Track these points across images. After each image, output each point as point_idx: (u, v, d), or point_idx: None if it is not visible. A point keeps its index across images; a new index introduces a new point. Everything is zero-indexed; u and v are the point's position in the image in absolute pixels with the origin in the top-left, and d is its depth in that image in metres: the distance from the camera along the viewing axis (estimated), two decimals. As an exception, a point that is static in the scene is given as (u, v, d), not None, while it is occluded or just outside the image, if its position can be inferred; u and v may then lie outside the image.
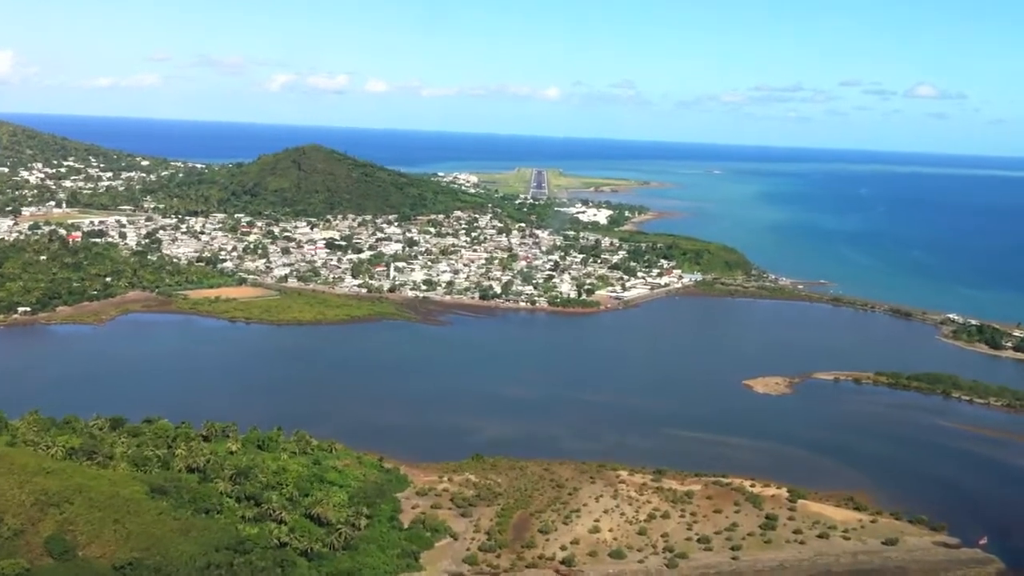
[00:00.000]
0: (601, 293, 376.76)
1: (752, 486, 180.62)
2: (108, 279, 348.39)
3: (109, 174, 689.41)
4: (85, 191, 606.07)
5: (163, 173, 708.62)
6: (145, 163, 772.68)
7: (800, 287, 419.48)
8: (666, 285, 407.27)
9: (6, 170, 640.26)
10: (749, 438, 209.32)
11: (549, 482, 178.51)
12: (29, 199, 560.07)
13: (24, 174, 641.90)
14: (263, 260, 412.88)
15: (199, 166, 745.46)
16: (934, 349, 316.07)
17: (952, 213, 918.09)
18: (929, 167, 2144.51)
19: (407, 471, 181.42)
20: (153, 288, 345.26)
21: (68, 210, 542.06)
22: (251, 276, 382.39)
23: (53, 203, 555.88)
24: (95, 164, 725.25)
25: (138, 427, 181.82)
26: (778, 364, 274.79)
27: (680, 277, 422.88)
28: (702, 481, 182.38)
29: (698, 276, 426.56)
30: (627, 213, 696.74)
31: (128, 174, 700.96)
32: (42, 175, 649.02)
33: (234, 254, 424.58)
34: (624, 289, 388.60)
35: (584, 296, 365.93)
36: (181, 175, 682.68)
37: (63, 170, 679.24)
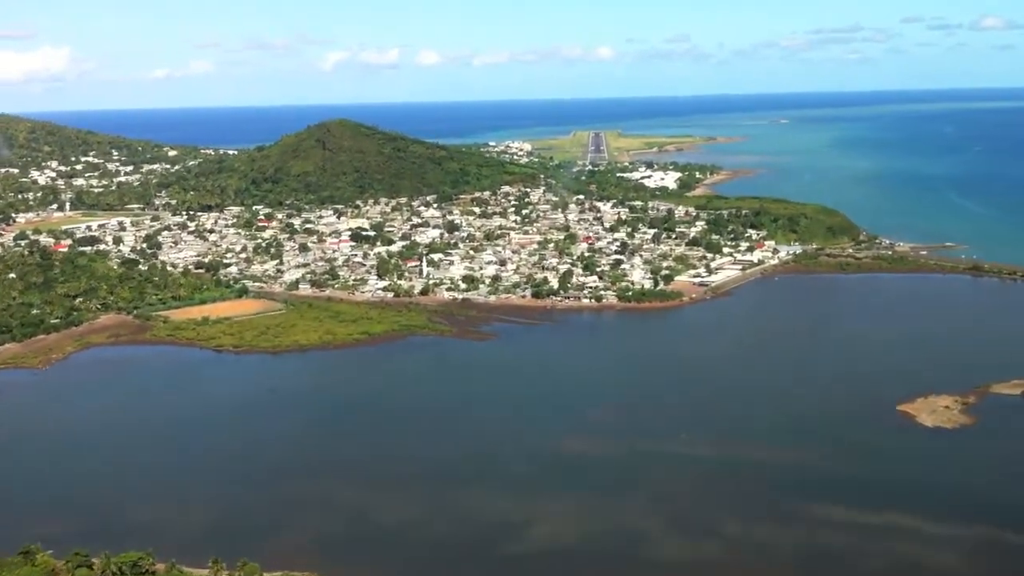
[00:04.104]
0: (682, 279, 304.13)
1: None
2: (78, 300, 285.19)
3: (129, 168, 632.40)
4: (96, 190, 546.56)
5: (191, 163, 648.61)
6: (172, 153, 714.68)
7: (923, 253, 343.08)
8: (759, 262, 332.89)
9: (16, 171, 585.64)
10: (937, 517, 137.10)
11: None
12: (31, 202, 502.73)
13: (35, 174, 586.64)
14: (275, 261, 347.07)
15: (232, 152, 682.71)
16: None
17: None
18: (1000, 101, 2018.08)
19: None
20: (131, 309, 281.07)
21: (71, 213, 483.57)
22: (256, 283, 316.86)
23: (55, 206, 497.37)
24: (116, 158, 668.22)
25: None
26: (937, 373, 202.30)
27: (775, 251, 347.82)
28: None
29: (797, 248, 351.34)
30: (698, 174, 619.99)
31: (151, 166, 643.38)
32: (54, 174, 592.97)
33: (243, 256, 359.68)
34: (709, 271, 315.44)
35: (662, 285, 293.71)
36: (211, 164, 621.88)
37: (79, 167, 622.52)
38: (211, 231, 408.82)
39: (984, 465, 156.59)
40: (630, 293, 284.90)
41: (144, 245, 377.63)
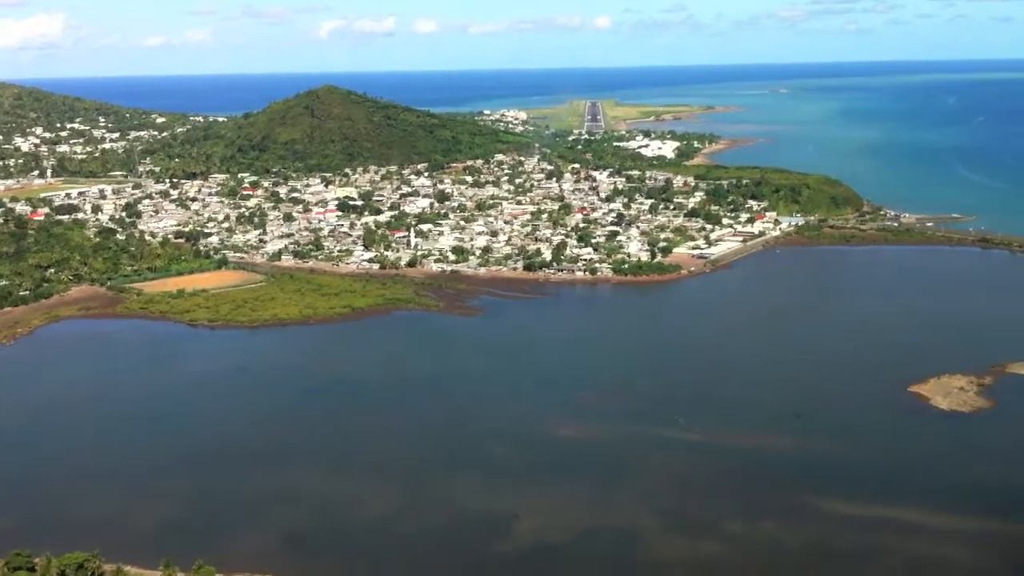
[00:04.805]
0: (680, 252, 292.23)
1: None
2: (50, 271, 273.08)
3: (115, 135, 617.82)
4: (79, 156, 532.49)
5: (179, 130, 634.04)
6: (160, 120, 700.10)
7: (930, 225, 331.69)
8: (760, 234, 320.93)
9: (0, 137, 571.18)
10: (959, 512, 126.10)
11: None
12: (12, 169, 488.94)
13: (18, 140, 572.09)
14: (258, 231, 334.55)
15: (221, 119, 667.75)
16: None
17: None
18: (1001, 73, 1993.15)
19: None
20: (104, 281, 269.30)
21: (53, 180, 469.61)
22: (237, 254, 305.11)
23: (36, 173, 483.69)
24: (103, 125, 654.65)
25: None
26: (949, 351, 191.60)
27: (776, 222, 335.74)
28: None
29: (799, 219, 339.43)
30: (696, 143, 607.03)
31: (138, 133, 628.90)
32: (37, 141, 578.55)
33: (225, 225, 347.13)
34: (708, 243, 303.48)
35: (659, 258, 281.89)
36: (198, 131, 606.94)
37: (64, 134, 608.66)
38: (194, 199, 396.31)
39: (1009, 453, 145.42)
40: (626, 266, 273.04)
41: (123, 214, 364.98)
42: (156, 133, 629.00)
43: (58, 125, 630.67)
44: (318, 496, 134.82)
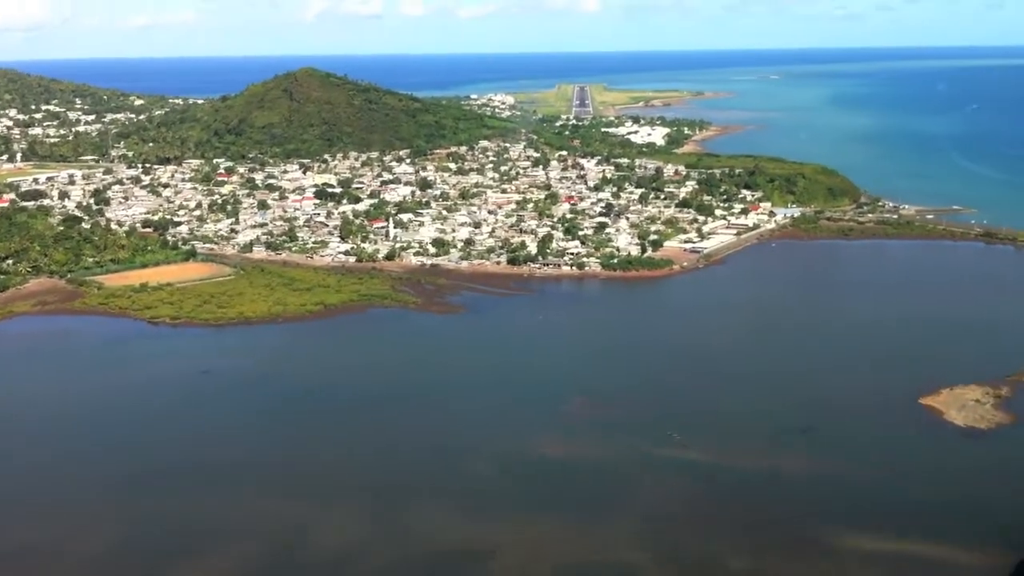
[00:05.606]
0: (672, 245, 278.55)
1: None
2: (8, 262, 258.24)
3: (91, 117, 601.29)
4: (51, 140, 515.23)
5: (156, 112, 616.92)
6: (139, 102, 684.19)
7: (930, 217, 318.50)
8: (755, 226, 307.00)
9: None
10: (987, 548, 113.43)
11: None
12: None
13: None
14: (230, 220, 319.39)
15: (200, 102, 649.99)
16: None
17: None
18: (989, 59, 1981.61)
19: None
20: (64, 273, 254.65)
21: (22, 164, 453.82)
22: (207, 245, 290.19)
23: (6, 157, 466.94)
24: (79, 107, 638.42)
25: None
26: (960, 358, 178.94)
27: (771, 213, 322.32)
28: None
29: (795, 210, 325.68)
30: (686, 130, 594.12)
31: (115, 116, 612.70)
32: (10, 123, 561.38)
33: (196, 213, 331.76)
34: (701, 236, 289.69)
35: (650, 251, 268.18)
36: (175, 114, 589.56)
37: (39, 116, 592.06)
38: (166, 185, 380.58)
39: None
40: (615, 260, 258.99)
41: (91, 200, 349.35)
42: (133, 116, 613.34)
43: (32, 107, 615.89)
44: (275, 524, 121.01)
